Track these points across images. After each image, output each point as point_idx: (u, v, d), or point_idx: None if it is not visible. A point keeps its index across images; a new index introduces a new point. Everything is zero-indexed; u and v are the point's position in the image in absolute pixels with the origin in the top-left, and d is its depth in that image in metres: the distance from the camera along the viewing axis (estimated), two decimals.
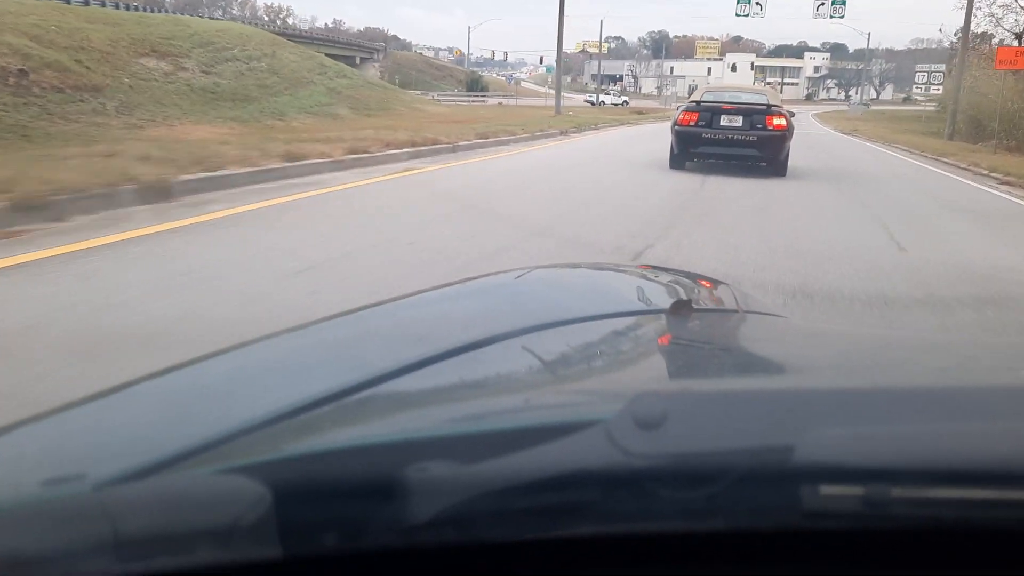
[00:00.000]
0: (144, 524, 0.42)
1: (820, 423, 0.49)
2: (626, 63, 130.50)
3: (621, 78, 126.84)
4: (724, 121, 11.07)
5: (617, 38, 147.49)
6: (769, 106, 11.17)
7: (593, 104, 62.95)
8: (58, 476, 0.48)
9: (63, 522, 0.43)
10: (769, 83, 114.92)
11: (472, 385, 0.63)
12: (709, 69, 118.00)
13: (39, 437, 0.56)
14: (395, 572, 0.43)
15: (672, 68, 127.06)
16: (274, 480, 0.43)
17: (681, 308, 0.86)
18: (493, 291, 0.99)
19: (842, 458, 0.44)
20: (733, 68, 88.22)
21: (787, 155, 11.36)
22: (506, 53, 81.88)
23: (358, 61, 77.31)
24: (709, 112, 11.17)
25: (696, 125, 11.18)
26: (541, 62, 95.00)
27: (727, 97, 11.68)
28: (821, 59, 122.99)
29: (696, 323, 0.85)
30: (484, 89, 79.13)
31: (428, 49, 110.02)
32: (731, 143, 11.06)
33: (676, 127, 11.48)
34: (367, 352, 0.72)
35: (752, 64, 76.17)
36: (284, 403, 0.53)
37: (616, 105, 69.38)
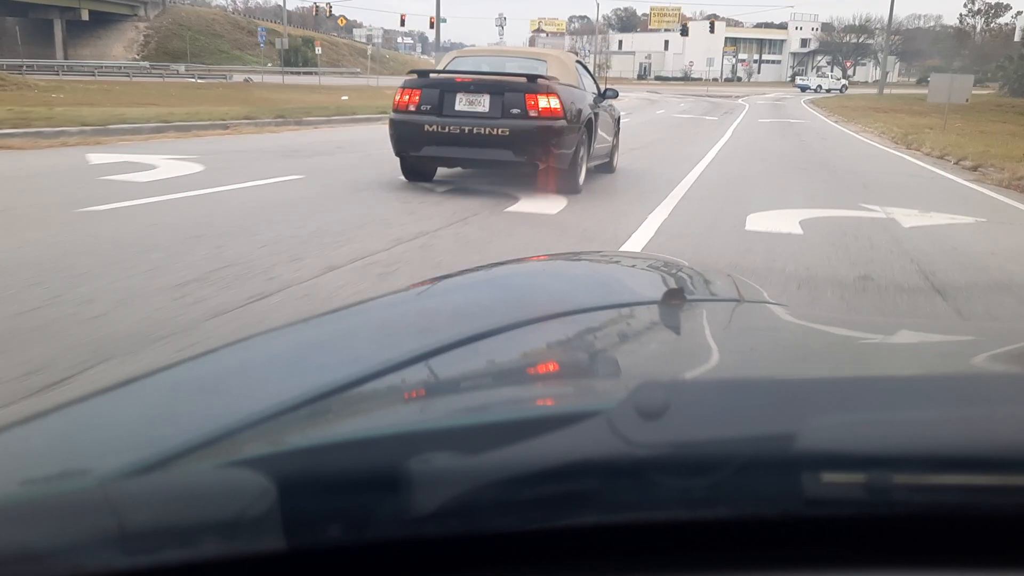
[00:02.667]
0: (149, 518, 0.42)
1: (821, 411, 0.49)
2: (567, 39, 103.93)
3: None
4: (461, 104, 6.53)
5: (582, 17, 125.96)
6: (535, 79, 6.46)
7: (804, 90, 49.54)
8: (63, 471, 0.49)
9: (68, 516, 0.43)
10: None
11: (474, 376, 0.64)
12: (666, 42, 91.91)
13: (44, 432, 0.56)
14: (400, 563, 0.43)
15: (620, 42, 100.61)
16: (278, 473, 0.43)
17: (675, 298, 0.86)
18: (494, 282, 0.99)
19: (844, 445, 0.44)
20: (683, 31, 61.51)
21: (573, 160, 6.70)
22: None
23: (85, 16, 50.22)
24: (437, 90, 6.59)
25: (418, 111, 6.59)
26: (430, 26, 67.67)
27: (480, 65, 7.16)
28: (810, 30, 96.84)
29: (697, 312, 0.85)
30: (307, 63, 52.78)
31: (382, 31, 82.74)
32: (470, 140, 6.45)
33: (391, 114, 6.86)
34: (369, 344, 0.73)
35: (711, 25, 50.54)
36: (288, 396, 0.54)
37: (829, 92, 56.00)
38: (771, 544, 0.44)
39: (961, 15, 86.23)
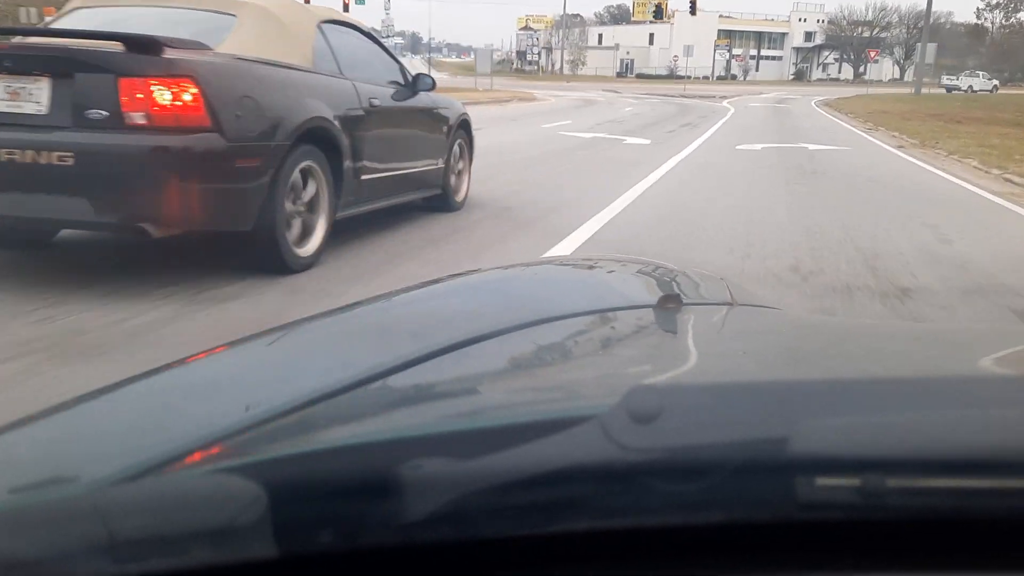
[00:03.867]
0: (138, 525, 0.42)
1: (815, 414, 0.49)
2: (522, 33, 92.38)
3: (538, 54, 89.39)
4: None
5: (575, 15, 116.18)
6: (157, 48, 3.09)
7: (950, 91, 45.84)
8: (51, 478, 0.48)
9: (57, 524, 0.42)
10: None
11: (466, 382, 0.64)
12: (652, 36, 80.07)
13: (32, 438, 0.56)
14: (391, 570, 0.43)
15: (600, 36, 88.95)
16: (269, 479, 0.43)
17: (671, 302, 0.85)
18: (485, 287, 0.98)
19: (837, 449, 0.44)
20: (656, 12, 48.49)
21: (267, 210, 3.39)
22: None
23: None
24: None
25: None
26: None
27: (105, 22, 3.79)
28: (815, 22, 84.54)
29: (690, 316, 0.84)
30: None
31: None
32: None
33: None
34: (360, 349, 0.72)
35: (692, 5, 38.64)
36: (278, 402, 0.53)
37: (977, 92, 48.15)
38: (765, 548, 0.43)
39: (978, 9, 76.05)
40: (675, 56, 58.65)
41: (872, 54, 39.90)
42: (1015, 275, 4.10)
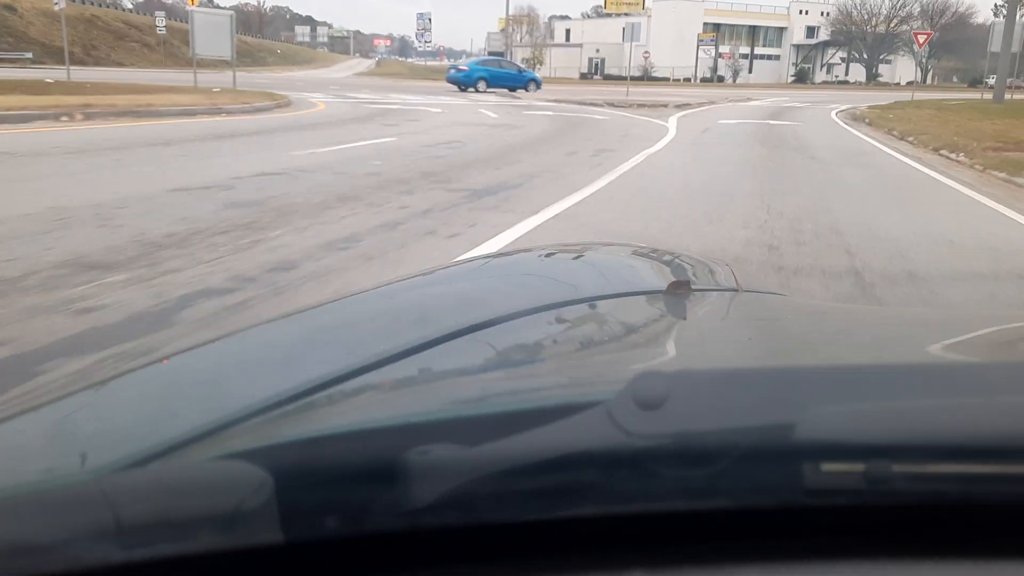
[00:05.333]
0: (145, 511, 0.42)
1: (821, 400, 0.49)
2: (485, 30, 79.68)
3: (502, 54, 76.39)
4: None
5: (563, 17, 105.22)
6: None
7: None
8: (59, 464, 0.48)
9: (64, 509, 0.42)
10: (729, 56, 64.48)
11: (472, 367, 0.63)
12: (627, 29, 66.94)
13: (39, 424, 0.56)
14: (397, 555, 0.43)
15: (568, 31, 76.30)
16: (275, 465, 0.43)
17: (680, 287, 0.85)
18: (491, 272, 0.99)
19: (843, 435, 0.44)
20: None
21: None
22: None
23: None
24: None
25: None
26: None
27: None
28: (819, 15, 71.95)
29: (696, 302, 0.84)
30: None
31: None
32: None
33: None
34: (366, 335, 0.72)
35: None
36: (284, 387, 0.53)
37: None
38: (771, 534, 0.43)
39: (996, 6, 64.00)
40: (646, 53, 46.30)
41: (920, 39, 27.34)
42: None
